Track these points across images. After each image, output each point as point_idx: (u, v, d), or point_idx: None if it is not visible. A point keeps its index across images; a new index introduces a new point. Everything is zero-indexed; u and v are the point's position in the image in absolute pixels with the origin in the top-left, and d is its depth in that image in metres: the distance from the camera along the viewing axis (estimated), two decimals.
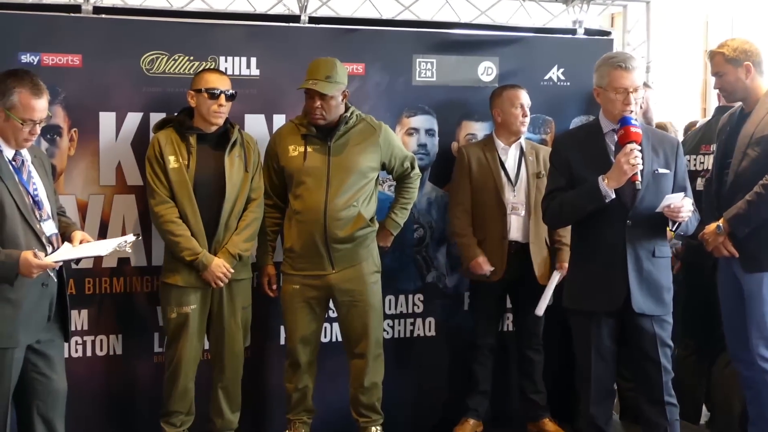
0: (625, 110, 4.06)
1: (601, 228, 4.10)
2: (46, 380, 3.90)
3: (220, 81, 4.45)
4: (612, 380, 4.29)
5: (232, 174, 4.45)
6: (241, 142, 4.52)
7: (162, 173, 4.41)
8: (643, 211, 4.06)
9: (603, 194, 3.98)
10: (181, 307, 4.46)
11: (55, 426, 3.96)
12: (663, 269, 4.16)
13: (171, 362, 4.51)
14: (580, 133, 4.34)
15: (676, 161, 4.17)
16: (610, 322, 4.14)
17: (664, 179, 4.12)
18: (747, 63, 4.43)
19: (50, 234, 3.82)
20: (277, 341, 4.93)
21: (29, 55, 4.48)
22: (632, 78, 4.08)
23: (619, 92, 4.08)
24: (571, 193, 4.13)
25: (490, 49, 5.27)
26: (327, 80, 4.47)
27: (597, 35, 5.63)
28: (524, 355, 5.13)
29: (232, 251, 4.45)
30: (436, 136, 5.19)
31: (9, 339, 3.72)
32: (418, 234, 5.19)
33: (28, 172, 3.84)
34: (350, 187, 4.56)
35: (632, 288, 4.06)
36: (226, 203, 4.43)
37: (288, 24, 5.01)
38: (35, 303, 3.77)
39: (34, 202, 3.80)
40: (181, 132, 4.45)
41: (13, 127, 3.72)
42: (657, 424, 4.18)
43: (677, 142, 4.26)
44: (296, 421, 4.74)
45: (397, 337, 5.19)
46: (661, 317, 4.13)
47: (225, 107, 4.44)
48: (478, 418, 5.14)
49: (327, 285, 4.62)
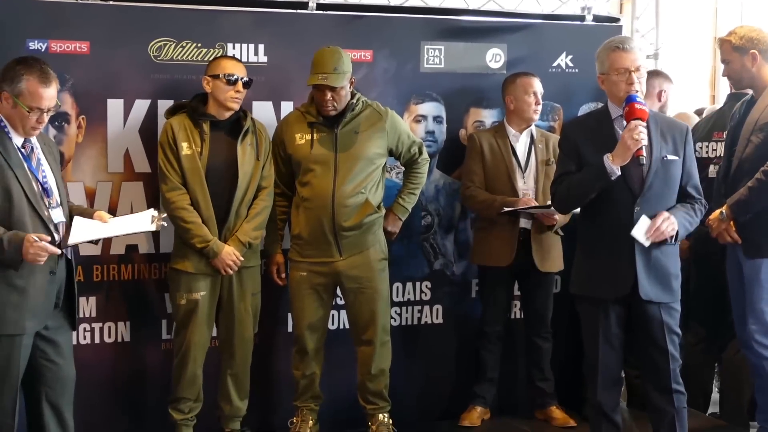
0: (629, 90, 4.04)
1: (609, 214, 4.08)
2: (55, 367, 3.91)
3: (237, 67, 4.46)
4: (619, 368, 4.27)
5: (245, 162, 4.45)
6: (253, 130, 4.52)
7: (174, 159, 4.41)
8: (651, 199, 4.04)
9: (609, 171, 3.96)
10: (191, 294, 4.46)
11: (63, 413, 3.98)
12: (671, 256, 4.13)
13: (180, 349, 4.52)
14: (590, 120, 4.32)
15: (685, 148, 4.14)
16: (617, 308, 4.12)
17: (672, 166, 4.09)
18: (753, 51, 4.44)
19: (58, 221, 3.83)
20: (285, 328, 4.94)
21: (37, 42, 4.47)
22: (632, 57, 4.06)
23: (620, 73, 4.06)
24: (578, 175, 4.11)
25: (498, 36, 5.25)
26: (335, 72, 4.45)
27: (606, 22, 5.60)
28: (532, 343, 5.13)
29: (242, 239, 4.45)
30: (444, 123, 5.18)
31: (16, 326, 3.74)
32: (426, 221, 5.19)
33: (38, 160, 3.84)
34: (358, 174, 4.55)
35: (639, 275, 4.03)
36: (238, 191, 4.43)
37: (296, 11, 4.99)
38: (43, 290, 3.78)
39: (43, 190, 3.80)
40: (195, 118, 4.44)
41: (20, 115, 3.73)
42: (664, 411, 4.17)
43: (686, 128, 4.22)
44: (304, 408, 4.75)
45: (404, 325, 5.19)
46: (669, 304, 4.12)
47: (241, 93, 4.45)
48: (486, 406, 5.14)
49: (334, 272, 4.62)
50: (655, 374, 4.19)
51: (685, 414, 4.20)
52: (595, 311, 4.15)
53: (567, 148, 4.22)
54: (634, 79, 4.05)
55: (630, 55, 4.07)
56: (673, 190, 4.09)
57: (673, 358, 4.12)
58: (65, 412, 3.98)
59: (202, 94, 4.49)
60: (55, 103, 3.81)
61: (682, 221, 4.05)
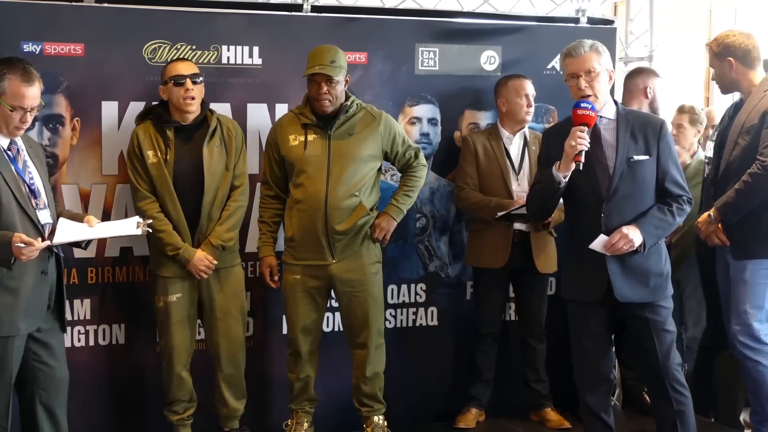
0: (578, 95, 4.03)
1: (581, 219, 4.10)
2: (48, 369, 3.91)
3: (183, 67, 4.42)
4: (608, 368, 4.25)
5: (211, 165, 4.44)
6: (221, 129, 4.50)
7: (142, 168, 4.42)
8: (619, 202, 4.01)
9: (555, 179, 3.98)
10: (167, 296, 4.48)
11: (57, 415, 3.98)
12: (650, 256, 4.06)
13: (164, 352, 4.55)
14: (564, 125, 4.25)
15: (658, 145, 4.05)
16: (600, 310, 4.11)
17: (641, 166, 4.02)
18: (729, 58, 4.52)
19: (45, 223, 3.83)
20: (279, 331, 4.93)
21: (31, 44, 4.47)
22: (579, 62, 4.04)
23: (571, 78, 4.08)
24: (539, 184, 4.16)
25: (492, 38, 5.26)
26: (332, 64, 4.46)
27: (600, 24, 5.61)
28: (527, 344, 5.13)
29: (214, 242, 4.46)
30: (438, 126, 5.18)
31: (10, 327, 3.74)
32: (421, 223, 5.19)
33: (24, 161, 3.85)
34: (351, 176, 4.55)
35: (613, 277, 4.01)
36: (206, 195, 4.43)
37: (290, 13, 5.00)
38: (35, 291, 3.79)
39: (30, 191, 3.81)
40: (159, 125, 4.44)
41: (3, 114, 3.73)
42: (665, 413, 4.13)
43: (661, 123, 4.14)
44: (299, 410, 4.74)
45: (399, 327, 5.19)
46: (653, 303, 4.07)
47: (193, 92, 4.39)
48: (481, 408, 5.15)
49: (328, 275, 4.61)
50: (647, 375, 4.20)
51: (688, 417, 4.13)
52: (577, 313, 4.18)
53: (542, 155, 4.27)
54: (582, 84, 4.03)
55: (578, 60, 4.05)
56: (645, 191, 4.04)
57: (664, 356, 4.07)
58: (59, 414, 3.98)
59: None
60: (39, 102, 3.80)
61: (650, 230, 3.99)
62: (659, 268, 4.11)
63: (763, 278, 4.42)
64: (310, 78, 4.49)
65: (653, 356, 4.08)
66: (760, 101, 4.44)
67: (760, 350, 4.44)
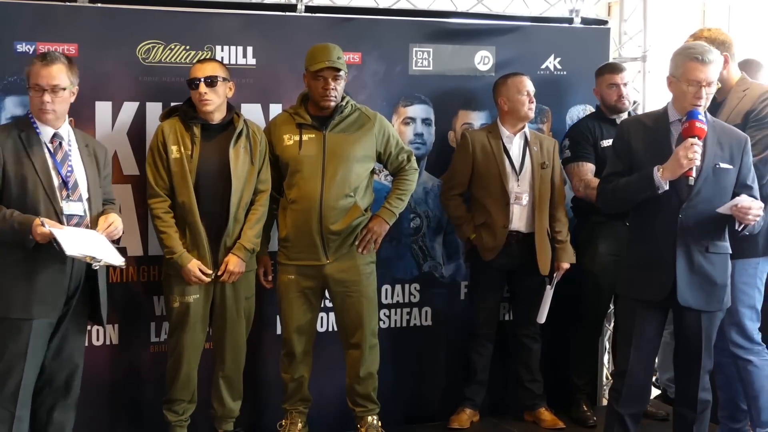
0: (695, 103, 3.97)
1: (655, 218, 4.05)
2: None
3: (198, 70, 4.42)
4: (649, 375, 4.27)
5: (237, 166, 4.42)
6: (247, 133, 4.49)
7: (162, 164, 4.41)
8: (698, 205, 3.99)
9: (656, 185, 3.93)
10: (184, 297, 4.46)
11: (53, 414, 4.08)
12: (718, 265, 4.06)
13: (173, 351, 4.52)
14: (647, 120, 4.24)
15: (742, 158, 4.06)
16: (656, 313, 4.11)
17: (725, 174, 4.02)
18: (725, 54, 4.47)
19: (70, 213, 3.91)
20: (274, 331, 4.93)
21: (25, 44, 4.46)
22: (707, 72, 3.96)
23: (691, 84, 3.98)
24: (626, 179, 4.08)
25: (486, 39, 5.26)
26: (338, 60, 4.48)
27: (594, 24, 5.62)
28: (521, 344, 5.14)
29: (247, 246, 4.45)
30: (432, 126, 5.18)
31: (23, 310, 3.83)
32: (415, 223, 5.19)
33: (65, 154, 3.96)
34: (346, 177, 4.55)
35: (679, 280, 3.99)
36: (233, 196, 4.41)
37: (284, 13, 4.99)
38: (53, 279, 3.87)
39: (63, 183, 3.90)
40: (186, 122, 4.44)
41: (31, 98, 3.93)
42: (686, 415, 4.18)
43: (745, 138, 4.13)
44: (293, 410, 4.74)
45: (393, 327, 5.20)
46: (711, 312, 4.08)
47: (210, 94, 4.38)
48: (475, 408, 5.15)
49: (322, 275, 4.61)
50: (686, 379, 4.18)
51: (705, 420, 4.19)
52: (633, 312, 4.12)
53: (620, 147, 4.20)
54: (702, 94, 3.97)
55: (707, 69, 3.97)
56: (722, 198, 4.01)
57: (705, 365, 4.11)
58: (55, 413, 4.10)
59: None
60: (57, 83, 3.89)
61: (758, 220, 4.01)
62: (723, 279, 4.09)
63: (750, 278, 4.43)
64: (316, 74, 4.48)
65: (696, 364, 4.10)
66: (740, 102, 4.44)
67: (752, 349, 4.45)
